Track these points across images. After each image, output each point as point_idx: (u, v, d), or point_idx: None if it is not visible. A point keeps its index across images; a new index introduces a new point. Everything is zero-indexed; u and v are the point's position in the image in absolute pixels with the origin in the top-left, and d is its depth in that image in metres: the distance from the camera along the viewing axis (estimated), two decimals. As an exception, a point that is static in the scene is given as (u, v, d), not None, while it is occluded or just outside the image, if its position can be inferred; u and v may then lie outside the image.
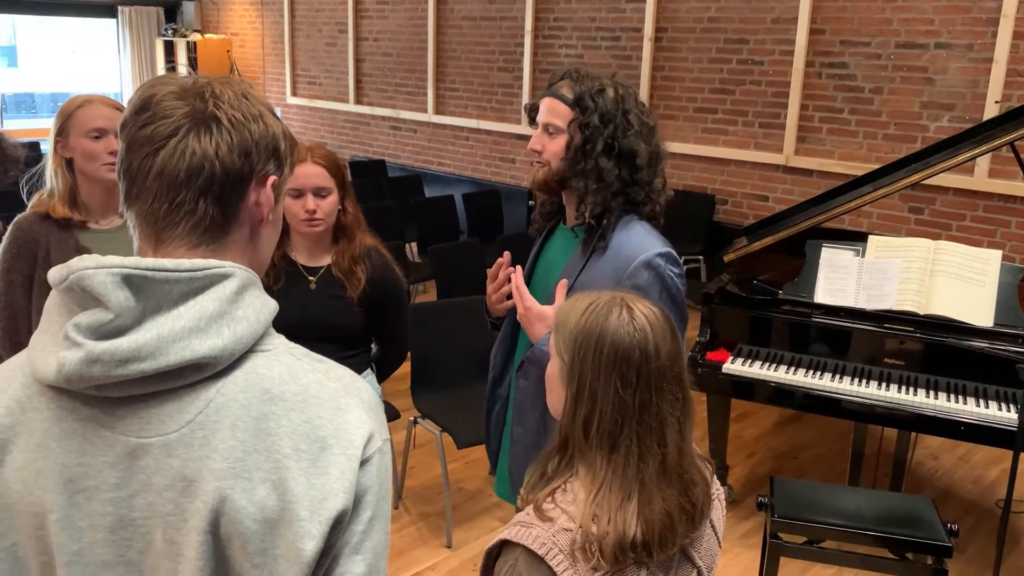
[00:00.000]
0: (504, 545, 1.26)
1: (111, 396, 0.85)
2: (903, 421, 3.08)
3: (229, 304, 0.87)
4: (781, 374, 3.22)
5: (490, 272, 1.97)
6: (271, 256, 2.25)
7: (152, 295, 0.84)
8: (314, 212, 2.17)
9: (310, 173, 2.17)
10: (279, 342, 0.93)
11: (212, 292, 0.87)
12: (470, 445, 3.21)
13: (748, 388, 3.28)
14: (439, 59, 8.06)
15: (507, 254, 1.91)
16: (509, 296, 1.95)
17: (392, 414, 3.44)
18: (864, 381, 3.14)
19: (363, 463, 0.88)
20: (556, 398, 1.36)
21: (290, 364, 0.91)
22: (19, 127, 11.20)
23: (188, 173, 0.88)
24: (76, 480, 0.87)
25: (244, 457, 0.85)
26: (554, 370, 1.35)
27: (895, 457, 3.41)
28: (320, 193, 2.19)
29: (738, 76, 6.07)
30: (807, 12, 5.59)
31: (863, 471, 3.52)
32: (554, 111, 1.83)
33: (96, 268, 0.83)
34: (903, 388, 3.09)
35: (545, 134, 1.85)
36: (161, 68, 11.05)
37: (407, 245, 6.19)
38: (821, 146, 5.72)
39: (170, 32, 10.90)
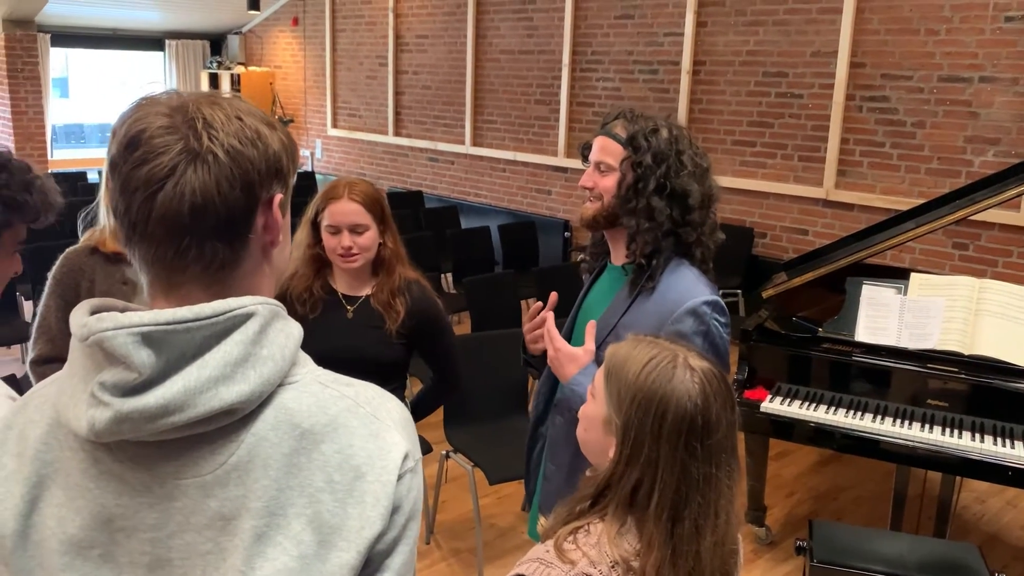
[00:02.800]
0: None
1: (145, 440, 0.85)
2: (947, 464, 2.99)
3: (253, 345, 0.85)
4: (821, 414, 3.15)
5: (528, 312, 1.95)
6: (296, 273, 2.26)
7: (175, 347, 0.83)
8: (350, 248, 2.19)
9: (346, 210, 2.18)
10: (306, 371, 0.91)
11: (235, 336, 0.85)
12: (502, 481, 3.18)
13: (787, 428, 3.21)
14: (477, 92, 8.14)
15: (553, 296, 1.89)
16: None
17: (424, 448, 3.42)
18: (907, 422, 3.06)
19: (396, 480, 0.88)
20: (594, 442, 1.33)
21: (318, 394, 0.89)
22: (68, 156, 11.49)
23: (192, 216, 0.84)
24: (115, 520, 0.87)
25: (278, 495, 0.84)
26: (596, 413, 1.31)
27: (939, 501, 3.31)
28: (357, 230, 2.20)
29: (777, 109, 6.03)
30: (847, 45, 5.55)
31: (906, 514, 3.42)
32: (606, 149, 1.83)
33: (115, 330, 0.81)
34: (947, 430, 3.00)
35: (597, 172, 1.85)
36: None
37: (443, 276, 6.21)
38: (862, 180, 5.64)
39: (215, 64, 11.15)
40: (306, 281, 2.27)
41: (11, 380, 2.85)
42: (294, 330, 0.91)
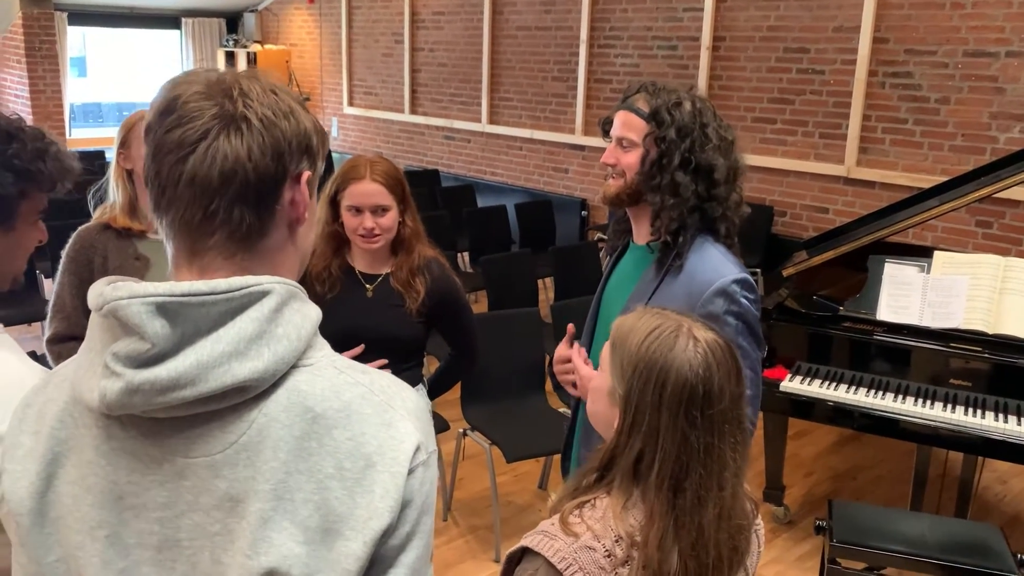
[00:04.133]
0: (525, 552, 1.23)
1: (157, 416, 0.84)
2: (969, 445, 2.96)
3: (268, 323, 0.84)
4: (841, 393, 3.12)
5: (557, 351, 1.86)
6: (314, 251, 2.25)
7: (189, 320, 0.82)
8: (372, 229, 2.17)
9: (368, 191, 2.17)
10: (322, 355, 0.90)
11: (251, 312, 0.84)
12: (519, 459, 3.18)
13: (806, 407, 3.18)
14: (494, 69, 8.07)
15: (571, 328, 1.84)
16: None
17: (441, 425, 3.43)
18: (928, 402, 3.03)
19: (407, 474, 0.86)
20: (602, 413, 1.33)
21: (332, 379, 0.88)
22: (86, 135, 11.53)
23: (221, 179, 0.84)
24: (125, 497, 0.86)
25: (286, 478, 0.83)
26: (603, 385, 1.32)
27: (961, 481, 3.28)
28: (379, 211, 2.18)
29: (798, 86, 5.95)
30: (871, 20, 5.45)
31: (926, 495, 3.40)
32: (629, 124, 1.78)
33: (130, 299, 0.81)
34: (970, 410, 2.97)
35: (619, 148, 1.80)
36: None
37: (459, 255, 6.19)
38: (884, 157, 5.56)
39: (231, 43, 11.13)
40: (325, 260, 2.25)
41: (31, 358, 2.87)
42: (312, 312, 0.90)
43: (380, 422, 0.87)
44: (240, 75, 0.88)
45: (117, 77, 14.00)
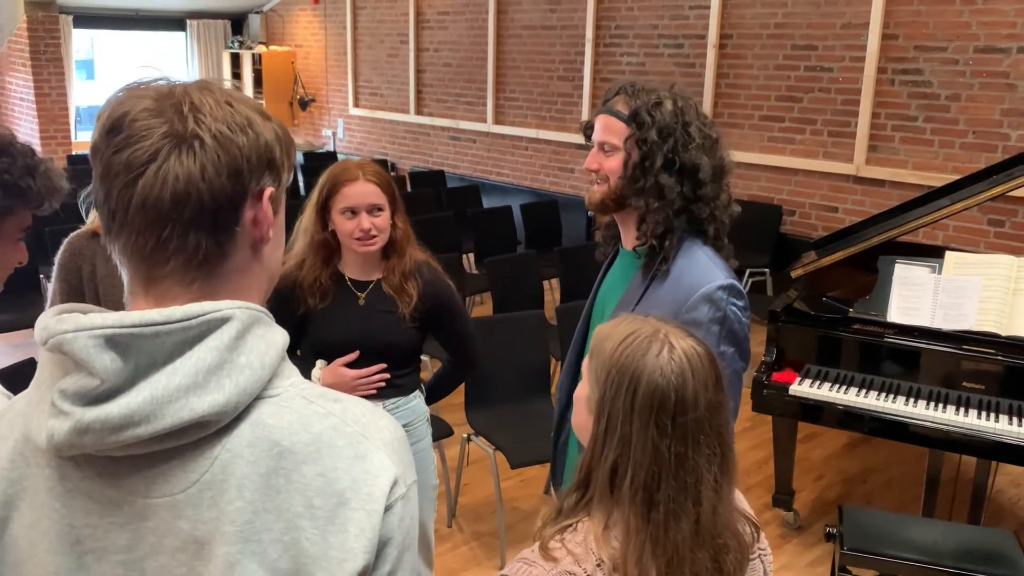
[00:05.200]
0: None
1: (113, 455, 0.78)
2: (982, 449, 2.90)
3: (229, 352, 0.78)
4: (851, 397, 3.06)
5: None
6: (303, 262, 2.20)
7: (143, 352, 0.76)
8: (369, 230, 2.13)
9: (364, 191, 2.12)
10: (290, 383, 0.84)
11: (210, 341, 0.78)
12: (523, 465, 3.13)
13: (816, 411, 3.12)
14: (499, 69, 8.03)
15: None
16: None
17: (445, 430, 3.38)
18: (940, 405, 2.97)
19: (384, 511, 0.80)
20: (583, 424, 1.28)
21: (301, 410, 0.82)
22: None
23: (173, 203, 0.78)
24: (84, 541, 0.81)
25: (253, 519, 0.77)
26: (582, 394, 1.28)
27: (974, 485, 3.22)
28: (375, 211, 2.14)
29: (806, 83, 5.89)
30: (879, 17, 5.39)
31: (939, 499, 3.33)
32: (609, 128, 1.73)
33: (76, 331, 0.75)
34: (983, 414, 2.91)
35: (601, 152, 1.75)
36: (228, 79, 11.26)
37: (464, 256, 6.15)
38: (894, 156, 5.49)
39: (236, 44, 11.12)
40: (315, 270, 2.20)
41: (31, 364, 2.84)
42: (277, 338, 0.84)
43: (353, 455, 0.81)
44: (191, 87, 0.82)
45: (124, 80, 14.01)
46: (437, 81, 8.72)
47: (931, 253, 3.27)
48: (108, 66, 14.49)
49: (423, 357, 3.64)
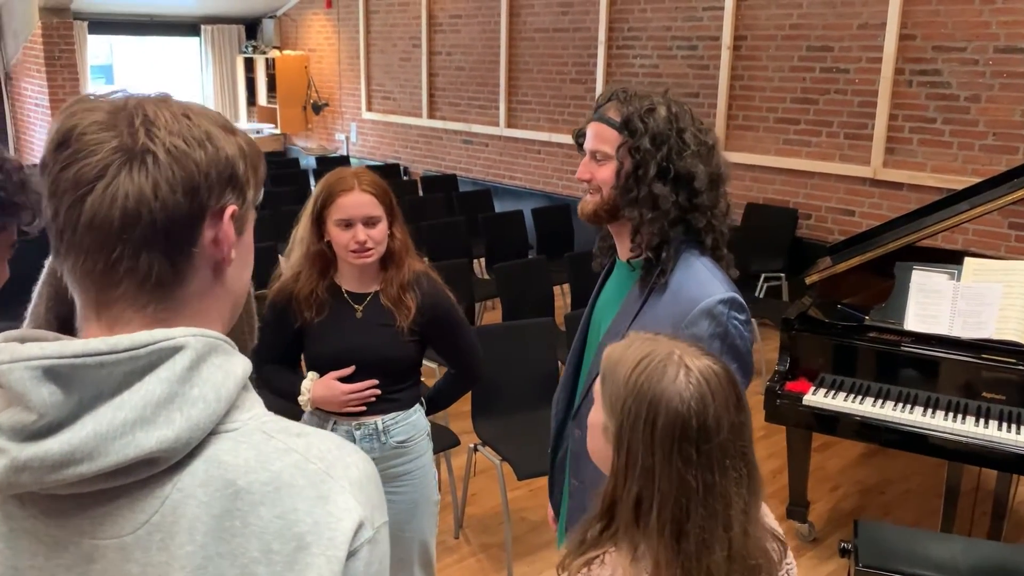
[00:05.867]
0: None
1: (57, 494, 0.73)
2: (1004, 462, 2.81)
3: (181, 384, 0.73)
4: (867, 407, 2.98)
5: None
6: (299, 274, 2.14)
7: (88, 384, 0.71)
8: (365, 243, 2.07)
9: (359, 202, 2.06)
10: (249, 417, 0.78)
11: (160, 371, 0.73)
12: (531, 476, 3.07)
13: (831, 422, 3.05)
14: (511, 72, 7.98)
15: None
16: None
17: (452, 440, 3.33)
18: (960, 416, 2.88)
19: (349, 556, 0.74)
20: (600, 451, 1.23)
21: (259, 446, 0.76)
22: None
23: (123, 222, 0.73)
24: None
25: (205, 564, 0.72)
26: (597, 420, 1.22)
27: (995, 498, 3.12)
28: (371, 222, 2.08)
29: (822, 85, 5.79)
30: (896, 17, 5.29)
31: (958, 511, 3.24)
32: (601, 136, 1.66)
33: (11, 363, 0.70)
34: (1004, 425, 2.82)
35: (593, 161, 1.68)
36: (242, 84, 11.29)
37: (475, 261, 6.10)
38: (912, 158, 5.39)
39: (250, 49, 11.14)
40: (311, 282, 2.14)
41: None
42: (236, 368, 0.78)
43: (315, 496, 0.75)
44: (147, 100, 0.77)
45: (141, 85, 14.07)
46: (449, 85, 8.68)
47: (950, 258, 3.19)
48: (127, 71, 14.58)
49: (431, 365, 3.60)
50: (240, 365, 0.79)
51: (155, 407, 0.71)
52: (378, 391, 2.15)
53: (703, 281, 1.61)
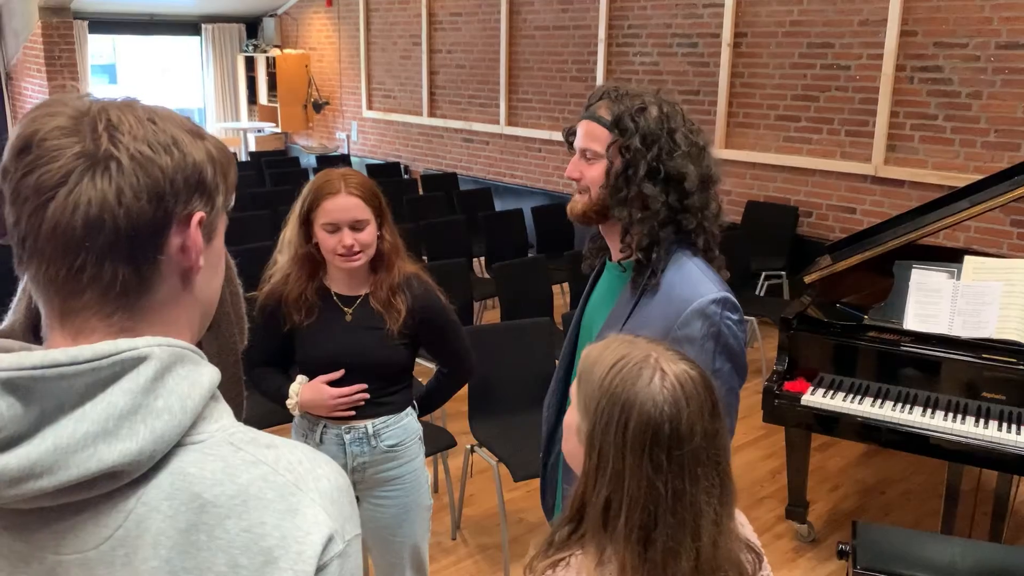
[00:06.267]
0: None
1: (19, 508, 0.71)
2: (1004, 462, 2.78)
3: (145, 395, 0.71)
4: (866, 407, 2.96)
5: None
6: (288, 276, 2.12)
7: (49, 396, 0.69)
8: (352, 247, 2.04)
9: (346, 206, 2.03)
10: (217, 427, 0.76)
11: (123, 383, 0.71)
12: (526, 478, 3.04)
13: (829, 422, 3.02)
14: (512, 70, 7.95)
15: None
16: None
17: (448, 441, 3.31)
18: (959, 417, 2.85)
19: (318, 570, 0.73)
20: (573, 452, 1.21)
21: (227, 458, 0.74)
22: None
23: (85, 230, 0.71)
24: None
25: None
26: (572, 421, 1.20)
27: (995, 498, 3.10)
28: (358, 226, 2.05)
29: (822, 82, 5.76)
30: (897, 13, 5.26)
31: (959, 512, 3.21)
32: (591, 135, 1.64)
33: None
34: (1004, 425, 2.79)
35: (583, 160, 1.66)
36: (243, 82, 11.28)
37: (475, 260, 6.07)
38: (913, 155, 5.36)
39: (251, 48, 11.12)
40: (300, 285, 2.12)
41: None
42: (203, 378, 0.76)
43: (284, 508, 0.73)
44: (111, 104, 0.76)
45: (143, 84, 14.08)
46: (450, 83, 8.66)
47: (951, 256, 3.16)
48: (130, 71, 14.57)
49: (428, 365, 3.57)
50: (207, 375, 0.77)
51: (118, 419, 0.70)
52: (367, 395, 2.13)
53: (695, 281, 1.59)
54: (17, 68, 9.56)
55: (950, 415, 2.86)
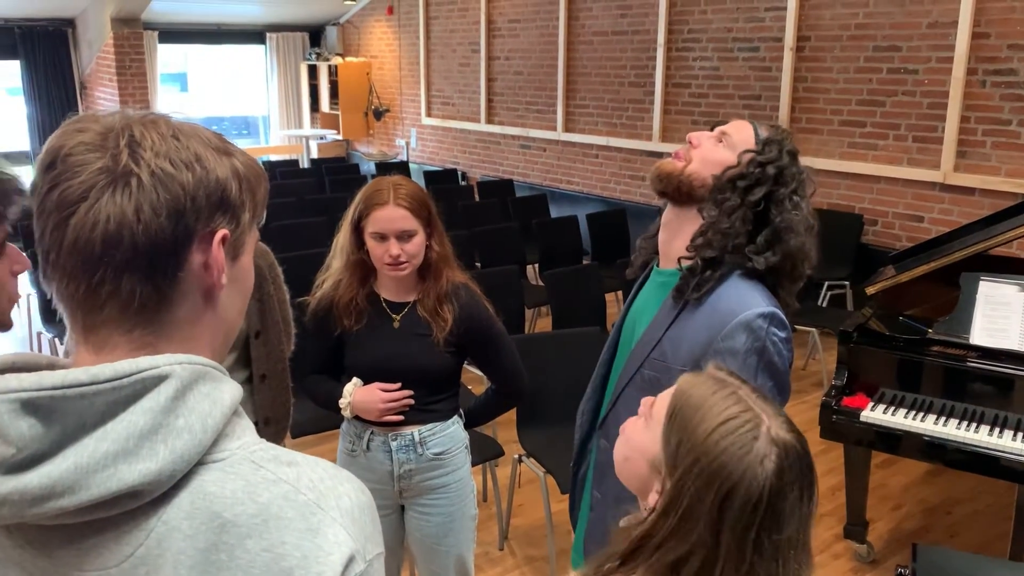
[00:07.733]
0: None
1: (43, 524, 0.72)
2: (1079, 486, 2.64)
3: (166, 414, 0.71)
4: (929, 425, 2.83)
5: None
6: (340, 282, 2.13)
7: (70, 415, 0.69)
8: (398, 257, 2.05)
9: (392, 217, 2.04)
10: (239, 446, 0.76)
11: (144, 402, 0.71)
12: (574, 490, 2.99)
13: (890, 439, 2.90)
14: (569, 76, 7.92)
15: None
16: None
17: (496, 450, 3.28)
18: (1031, 437, 2.71)
19: None
20: (634, 471, 1.13)
21: (248, 476, 0.74)
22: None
23: (104, 246, 0.71)
24: None
25: None
26: (645, 445, 1.11)
27: (1070, 523, 2.94)
28: (405, 236, 2.05)
29: (889, 86, 5.59)
30: (969, 15, 5.07)
31: (1030, 537, 3.06)
32: (740, 130, 1.60)
33: None
34: (1080, 447, 2.64)
35: (714, 138, 1.61)
36: (305, 90, 11.47)
37: (529, 267, 6.04)
38: (985, 162, 5.15)
39: (314, 56, 11.30)
40: (351, 291, 2.14)
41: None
42: (225, 396, 0.76)
43: (305, 528, 0.72)
44: (135, 119, 0.76)
45: (214, 92, 14.45)
46: (508, 89, 8.66)
47: (1020, 267, 3.02)
48: (200, 79, 14.97)
49: (479, 373, 3.56)
50: (229, 392, 0.76)
51: (138, 439, 0.70)
52: (412, 400, 2.12)
53: (743, 294, 1.53)
54: (91, 77, 9.88)
55: (1019, 435, 2.73)
